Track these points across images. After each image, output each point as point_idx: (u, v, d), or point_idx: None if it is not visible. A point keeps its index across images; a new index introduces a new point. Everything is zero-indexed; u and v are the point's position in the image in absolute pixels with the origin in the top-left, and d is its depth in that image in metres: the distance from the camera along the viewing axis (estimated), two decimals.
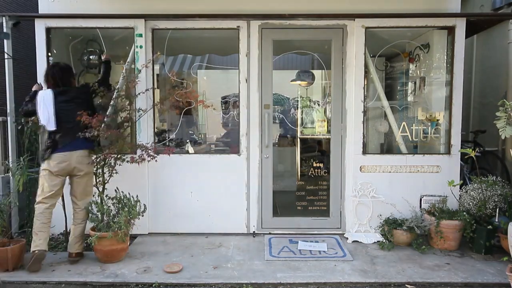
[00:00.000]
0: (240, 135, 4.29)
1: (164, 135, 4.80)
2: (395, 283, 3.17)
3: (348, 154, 4.27)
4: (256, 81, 4.23)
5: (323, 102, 5.09)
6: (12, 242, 3.45)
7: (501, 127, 3.42)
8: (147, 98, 4.11)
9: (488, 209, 3.80)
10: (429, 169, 4.21)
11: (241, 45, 4.21)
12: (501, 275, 3.26)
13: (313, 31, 4.26)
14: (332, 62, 4.30)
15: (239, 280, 3.18)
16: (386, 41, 4.51)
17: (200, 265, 3.49)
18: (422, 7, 4.17)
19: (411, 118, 4.76)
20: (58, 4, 4.20)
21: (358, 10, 4.15)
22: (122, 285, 3.16)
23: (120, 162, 3.81)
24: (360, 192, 4.20)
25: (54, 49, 4.41)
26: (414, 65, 4.89)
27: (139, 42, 4.16)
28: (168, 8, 4.16)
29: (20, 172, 3.84)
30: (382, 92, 4.36)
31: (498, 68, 5.30)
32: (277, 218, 4.38)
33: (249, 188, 4.30)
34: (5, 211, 3.63)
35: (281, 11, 4.15)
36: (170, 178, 4.25)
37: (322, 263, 3.52)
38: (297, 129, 5.17)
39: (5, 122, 4.30)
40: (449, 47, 4.25)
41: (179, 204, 4.20)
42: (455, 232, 3.80)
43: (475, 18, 4.39)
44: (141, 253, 3.75)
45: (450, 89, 4.24)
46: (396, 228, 3.94)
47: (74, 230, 3.59)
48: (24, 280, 3.21)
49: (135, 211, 3.56)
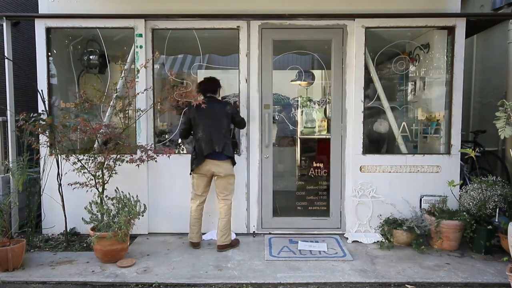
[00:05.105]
0: (240, 135, 4.29)
1: (164, 135, 4.80)
2: (395, 283, 3.17)
3: (348, 154, 4.27)
4: (256, 81, 4.23)
5: (323, 102, 5.09)
6: (12, 242, 3.44)
7: (500, 127, 3.42)
8: (147, 98, 4.11)
9: (488, 209, 3.80)
10: (429, 169, 4.21)
11: (241, 45, 4.21)
12: (501, 275, 3.26)
13: (313, 31, 4.26)
14: (332, 62, 4.30)
15: (239, 280, 3.17)
16: (386, 41, 4.51)
17: (200, 265, 3.49)
18: (422, 7, 4.18)
19: (411, 118, 4.76)
20: (58, 4, 4.20)
21: (358, 10, 4.16)
22: (122, 285, 3.16)
23: (120, 163, 3.81)
24: (360, 192, 4.20)
25: (54, 49, 4.42)
26: (414, 65, 4.89)
27: (139, 42, 4.16)
28: (168, 8, 4.16)
29: (20, 172, 3.84)
30: (382, 92, 4.36)
31: (498, 68, 5.30)
32: (277, 218, 4.38)
33: (249, 188, 4.30)
34: (5, 211, 3.62)
35: (281, 11, 4.15)
36: (170, 178, 4.24)
37: (322, 263, 3.52)
38: (297, 129, 5.17)
39: (5, 122, 4.30)
40: (449, 47, 4.25)
41: (179, 204, 4.20)
42: (455, 232, 3.80)
43: (475, 18, 4.39)
44: (141, 253, 3.75)
45: (450, 89, 4.24)
46: (396, 228, 3.94)
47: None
48: (24, 280, 3.21)
49: (135, 211, 3.56)
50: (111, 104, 4.07)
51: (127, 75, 4.18)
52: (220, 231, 3.83)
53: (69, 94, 4.62)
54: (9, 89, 4.18)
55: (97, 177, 3.78)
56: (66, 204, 3.93)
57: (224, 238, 3.81)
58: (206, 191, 3.92)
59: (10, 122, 4.16)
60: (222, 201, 3.85)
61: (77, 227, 4.15)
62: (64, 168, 3.93)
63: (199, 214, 3.91)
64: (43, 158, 4.11)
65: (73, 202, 3.92)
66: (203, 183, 3.87)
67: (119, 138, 3.76)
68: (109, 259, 3.51)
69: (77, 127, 3.66)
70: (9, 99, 4.17)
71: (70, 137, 3.90)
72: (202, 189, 3.88)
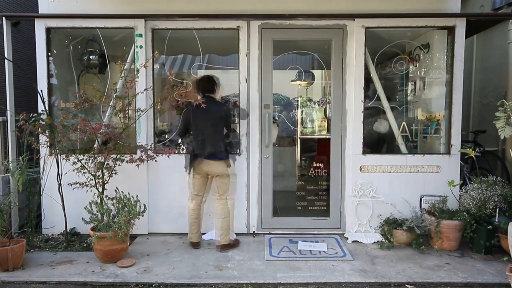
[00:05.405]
0: (240, 135, 4.29)
1: (164, 135, 4.80)
2: (395, 283, 3.17)
3: (348, 154, 4.27)
4: (256, 81, 4.23)
5: (323, 102, 5.09)
6: (12, 242, 3.44)
7: (500, 127, 3.42)
8: (147, 98, 4.11)
9: (488, 209, 3.80)
10: (429, 169, 4.21)
11: (241, 45, 4.21)
12: (501, 275, 3.26)
13: (313, 31, 4.26)
14: (332, 62, 4.30)
15: (239, 280, 3.17)
16: (386, 41, 4.51)
17: (200, 265, 3.49)
18: (422, 7, 4.18)
19: (411, 118, 4.76)
20: (58, 4, 4.20)
21: (358, 10, 4.16)
22: (122, 285, 3.16)
23: (120, 163, 3.81)
24: (360, 192, 4.20)
25: (54, 49, 4.42)
26: (414, 65, 4.89)
27: (139, 42, 4.16)
28: (168, 8, 4.16)
29: (19, 172, 3.84)
30: (382, 92, 4.36)
31: (498, 68, 5.30)
32: (277, 218, 4.38)
33: (249, 188, 4.30)
34: (5, 211, 3.62)
35: (281, 11, 4.15)
36: (170, 178, 4.24)
37: (322, 263, 3.52)
38: (297, 129, 5.17)
39: (5, 122, 4.30)
40: (449, 47, 4.25)
41: (179, 204, 4.20)
42: (455, 232, 3.80)
43: (475, 18, 4.39)
44: (141, 253, 3.75)
45: (450, 89, 4.24)
46: (396, 228, 3.94)
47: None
48: (24, 280, 3.21)
49: (135, 211, 3.56)
50: (111, 104, 4.07)
51: (127, 75, 4.18)
52: (218, 231, 3.84)
53: (69, 94, 4.62)
54: (9, 89, 4.18)
55: (97, 177, 3.78)
56: (66, 204, 3.93)
57: (222, 238, 3.81)
58: (202, 190, 3.92)
59: (10, 122, 4.16)
60: (217, 201, 3.86)
61: (77, 227, 4.16)
62: (64, 168, 3.93)
63: (197, 214, 3.92)
64: (43, 158, 4.11)
65: (73, 202, 3.92)
66: (199, 183, 3.88)
67: (119, 138, 3.77)
68: (109, 259, 3.51)
69: (77, 127, 3.67)
70: (9, 99, 4.17)
71: (70, 137, 3.90)
72: (198, 189, 3.89)
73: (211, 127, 3.79)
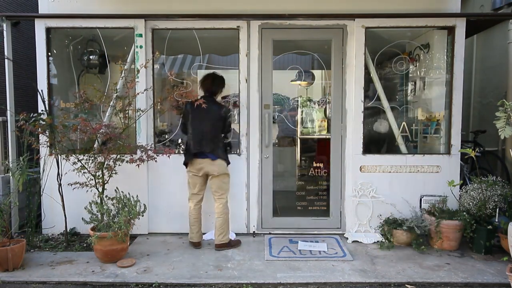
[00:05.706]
0: (240, 135, 4.29)
1: (164, 135, 4.80)
2: (395, 283, 3.17)
3: (348, 154, 4.27)
4: (256, 81, 4.23)
5: (323, 102, 5.09)
6: (12, 242, 3.44)
7: (500, 127, 3.42)
8: (147, 98, 4.11)
9: (488, 209, 3.80)
10: (429, 169, 4.21)
11: (241, 45, 4.21)
12: (501, 275, 3.26)
13: (313, 31, 4.26)
14: (332, 62, 4.30)
15: (239, 280, 3.17)
16: (386, 41, 4.51)
17: (200, 265, 3.49)
18: (422, 7, 4.18)
19: (411, 118, 4.76)
20: (58, 4, 4.20)
21: (358, 10, 4.16)
22: (122, 285, 3.16)
23: (120, 163, 3.81)
24: (360, 192, 4.20)
25: (54, 49, 4.42)
26: (414, 65, 4.89)
27: (139, 42, 4.16)
28: (168, 8, 4.16)
29: (19, 172, 3.84)
30: (382, 92, 4.36)
31: (498, 68, 5.30)
32: (277, 218, 4.38)
33: (249, 188, 4.30)
34: (5, 211, 3.62)
35: (281, 11, 4.15)
36: (170, 178, 4.24)
37: (322, 263, 3.52)
38: (297, 129, 5.17)
39: (5, 122, 4.30)
40: (449, 47, 4.25)
41: (179, 204, 4.19)
42: (455, 232, 3.80)
43: (475, 18, 4.39)
44: (141, 253, 3.75)
45: (450, 89, 4.24)
46: (396, 228, 3.94)
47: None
48: (24, 280, 3.21)
49: (135, 211, 3.56)
50: (111, 104, 4.06)
51: (127, 75, 4.18)
52: (217, 230, 3.84)
53: (69, 94, 4.62)
54: (9, 89, 4.18)
55: (97, 177, 3.78)
56: (66, 204, 3.93)
57: (221, 237, 3.81)
58: (201, 189, 3.92)
59: (10, 122, 4.16)
60: (218, 200, 3.86)
61: (77, 227, 4.16)
62: (64, 168, 3.93)
63: (197, 213, 3.92)
64: (43, 158, 4.11)
65: (73, 202, 3.92)
66: (198, 182, 3.88)
67: (119, 138, 3.77)
68: (109, 259, 3.51)
69: (77, 127, 3.67)
70: (9, 99, 4.17)
71: (70, 137, 3.90)
72: (197, 188, 3.89)
73: (208, 127, 3.79)
